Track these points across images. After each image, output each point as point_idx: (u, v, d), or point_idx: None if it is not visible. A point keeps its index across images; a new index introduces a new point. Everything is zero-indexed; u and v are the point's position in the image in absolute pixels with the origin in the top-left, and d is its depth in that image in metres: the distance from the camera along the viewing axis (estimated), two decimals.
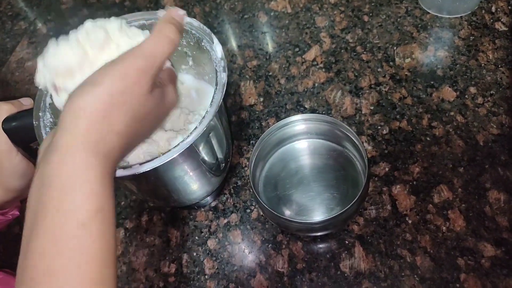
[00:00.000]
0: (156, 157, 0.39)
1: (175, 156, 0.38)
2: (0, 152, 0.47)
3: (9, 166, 0.48)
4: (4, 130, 0.44)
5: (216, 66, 0.44)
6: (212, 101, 0.41)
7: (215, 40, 0.45)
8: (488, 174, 0.56)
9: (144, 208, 0.63)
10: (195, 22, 0.47)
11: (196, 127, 0.40)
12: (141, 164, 0.38)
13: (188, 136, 0.39)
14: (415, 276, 0.51)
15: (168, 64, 0.37)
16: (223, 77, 0.42)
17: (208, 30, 0.46)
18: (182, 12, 0.37)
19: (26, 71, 0.84)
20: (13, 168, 0.48)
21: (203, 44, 0.46)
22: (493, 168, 0.56)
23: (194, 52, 0.49)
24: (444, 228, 0.54)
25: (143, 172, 0.38)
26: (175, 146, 0.39)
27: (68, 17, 0.90)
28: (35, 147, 0.49)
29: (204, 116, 0.40)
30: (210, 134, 0.45)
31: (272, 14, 0.78)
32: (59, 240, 0.29)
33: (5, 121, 0.44)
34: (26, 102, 0.46)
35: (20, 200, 0.56)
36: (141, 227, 0.61)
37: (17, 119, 0.44)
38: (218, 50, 0.45)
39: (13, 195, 0.51)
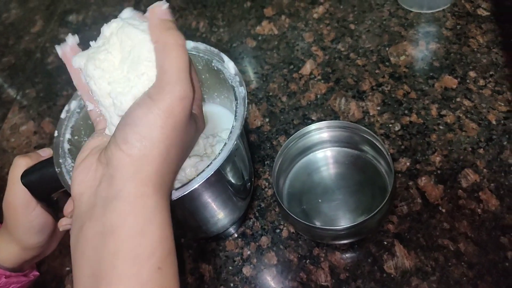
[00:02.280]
0: (191, 179, 0.37)
1: (212, 172, 0.37)
2: (16, 207, 0.45)
3: (26, 221, 0.46)
4: (24, 184, 0.42)
5: (232, 82, 0.44)
6: (236, 115, 0.40)
7: (226, 58, 0.45)
8: (508, 150, 0.56)
9: None
10: (201, 46, 0.47)
11: (225, 143, 0.39)
12: (176, 189, 0.37)
13: (219, 154, 0.39)
14: (463, 263, 0.50)
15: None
16: (242, 91, 0.42)
17: (216, 51, 0.46)
18: (164, 5, 0.32)
19: (22, 135, 0.83)
20: (29, 224, 0.46)
21: (213, 65, 0.46)
22: (511, 143, 0.57)
23: (203, 76, 0.49)
24: (479, 210, 0.53)
25: (181, 197, 0.37)
26: (208, 165, 0.38)
27: (56, 76, 0.90)
28: (55, 198, 0.48)
29: (231, 131, 0.40)
30: (235, 156, 0.44)
31: (260, 38, 0.80)
32: (137, 286, 0.28)
33: (24, 175, 0.43)
34: (44, 153, 0.45)
35: (36, 262, 0.54)
36: None
37: (37, 171, 0.42)
38: (230, 66, 0.45)
39: (32, 254, 0.49)
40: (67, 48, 0.37)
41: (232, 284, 0.56)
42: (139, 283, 0.28)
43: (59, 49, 0.37)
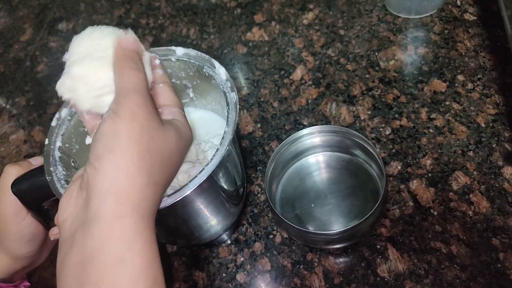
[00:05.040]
0: (184, 186, 0.37)
1: (205, 178, 0.37)
2: (6, 216, 0.45)
3: (16, 231, 0.46)
4: (15, 193, 0.42)
5: (223, 88, 0.44)
6: (227, 121, 0.40)
7: (217, 64, 0.45)
8: (497, 152, 0.57)
9: (162, 255, 0.60)
10: (192, 52, 0.47)
11: (217, 149, 0.39)
12: (169, 195, 0.37)
13: (211, 159, 0.39)
14: (455, 265, 0.50)
15: (172, 100, 0.37)
16: (233, 96, 0.42)
17: (207, 57, 0.46)
18: (132, 38, 0.35)
19: (12, 144, 0.82)
20: (20, 233, 0.46)
21: (204, 70, 0.46)
22: (500, 145, 0.57)
23: (195, 82, 0.49)
24: (470, 212, 0.53)
25: (173, 204, 0.37)
26: (201, 171, 0.38)
27: (46, 85, 0.89)
28: (46, 207, 0.47)
29: (223, 137, 0.40)
30: (227, 162, 0.44)
31: (250, 44, 0.80)
32: None
33: (15, 183, 0.42)
34: (36, 162, 0.45)
35: (27, 272, 0.53)
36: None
37: (28, 179, 0.42)
38: (221, 72, 0.45)
39: (23, 264, 0.49)
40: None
41: None
42: None
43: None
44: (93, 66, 0.33)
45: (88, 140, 0.38)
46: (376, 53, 0.71)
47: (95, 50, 0.34)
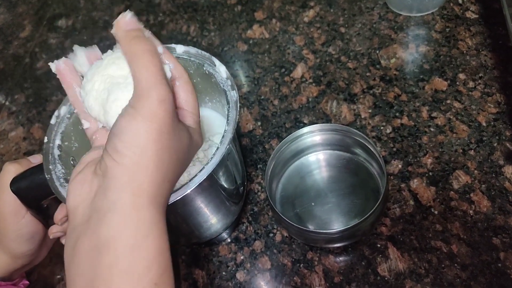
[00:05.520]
0: (184, 184, 0.37)
1: (205, 177, 0.37)
2: (5, 215, 0.45)
3: (15, 229, 0.45)
4: (14, 191, 0.42)
5: (223, 86, 0.43)
6: (228, 119, 0.40)
7: (217, 62, 0.45)
8: (498, 151, 0.57)
9: None
10: (192, 50, 0.47)
11: (218, 147, 0.39)
12: None
13: (212, 158, 0.38)
14: (456, 264, 0.50)
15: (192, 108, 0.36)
16: (234, 95, 0.42)
17: (207, 54, 0.46)
18: (128, 14, 0.32)
19: (11, 141, 0.82)
20: (19, 231, 0.46)
21: (204, 68, 0.46)
22: (501, 144, 0.57)
23: (195, 80, 0.48)
24: (471, 211, 0.53)
25: (173, 202, 0.36)
26: (201, 169, 0.38)
27: (45, 81, 0.89)
28: (45, 205, 0.47)
29: (223, 136, 0.39)
30: (228, 160, 0.44)
31: (251, 42, 0.80)
32: None
33: (13, 181, 0.42)
34: (35, 160, 0.45)
35: (26, 271, 0.53)
36: None
37: (27, 177, 0.42)
38: (222, 70, 0.45)
39: (22, 262, 0.49)
40: (62, 65, 0.37)
41: None
42: None
43: (53, 66, 0.37)
44: None
45: (86, 125, 0.38)
46: (377, 51, 0.71)
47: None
